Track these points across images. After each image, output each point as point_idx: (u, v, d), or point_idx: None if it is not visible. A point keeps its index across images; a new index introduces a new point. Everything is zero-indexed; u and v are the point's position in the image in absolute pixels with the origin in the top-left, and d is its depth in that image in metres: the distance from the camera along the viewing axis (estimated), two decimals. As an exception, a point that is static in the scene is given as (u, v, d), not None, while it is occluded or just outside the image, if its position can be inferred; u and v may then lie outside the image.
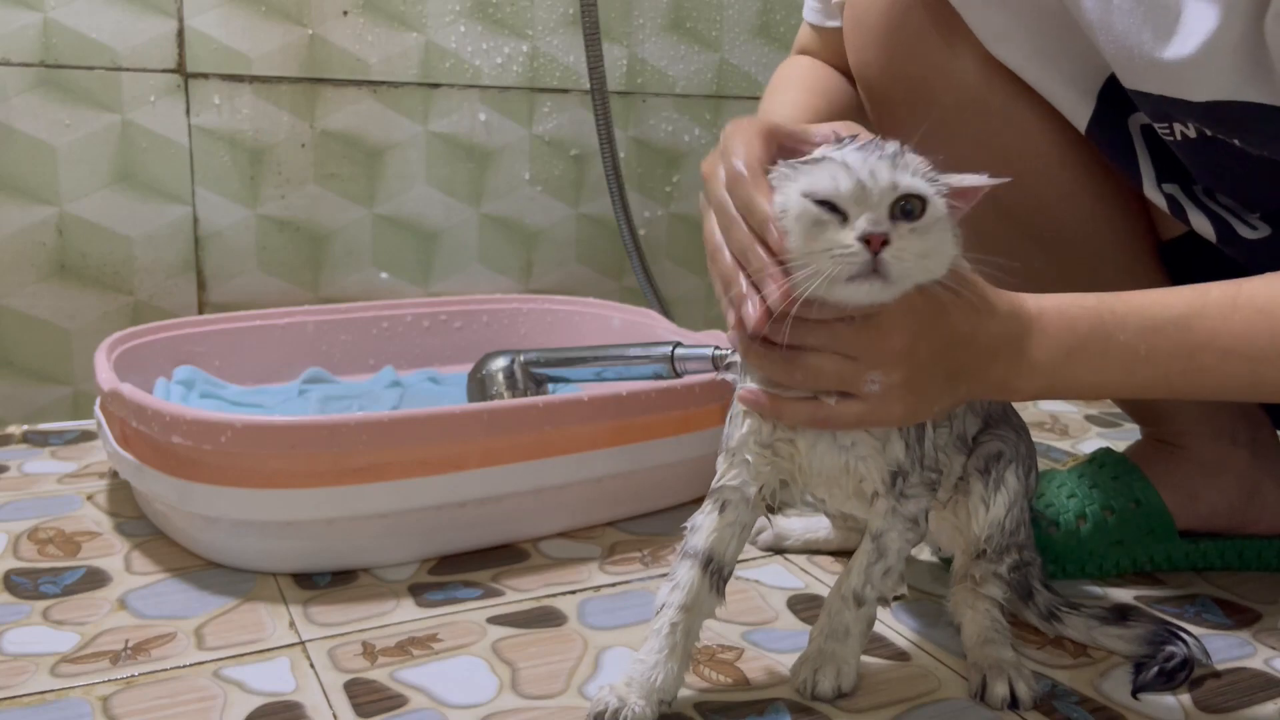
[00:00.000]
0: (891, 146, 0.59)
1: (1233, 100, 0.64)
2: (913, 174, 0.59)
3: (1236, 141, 0.68)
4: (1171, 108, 0.68)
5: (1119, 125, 0.77)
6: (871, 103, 0.84)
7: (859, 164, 0.58)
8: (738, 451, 0.67)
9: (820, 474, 0.66)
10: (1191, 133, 0.70)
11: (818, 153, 0.60)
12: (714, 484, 0.68)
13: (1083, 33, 0.73)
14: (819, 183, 0.58)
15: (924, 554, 0.92)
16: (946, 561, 0.82)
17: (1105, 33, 0.69)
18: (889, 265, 0.56)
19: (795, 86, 0.87)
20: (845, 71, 0.90)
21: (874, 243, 0.56)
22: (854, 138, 0.61)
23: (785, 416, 0.63)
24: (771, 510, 0.69)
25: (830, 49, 0.90)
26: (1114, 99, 0.76)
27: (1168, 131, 0.72)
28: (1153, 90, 0.68)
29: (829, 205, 0.57)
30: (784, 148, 0.63)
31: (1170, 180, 0.78)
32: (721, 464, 0.68)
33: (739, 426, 0.67)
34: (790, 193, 0.59)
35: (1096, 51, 0.74)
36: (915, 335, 0.60)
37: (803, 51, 0.95)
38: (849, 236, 0.57)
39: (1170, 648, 0.73)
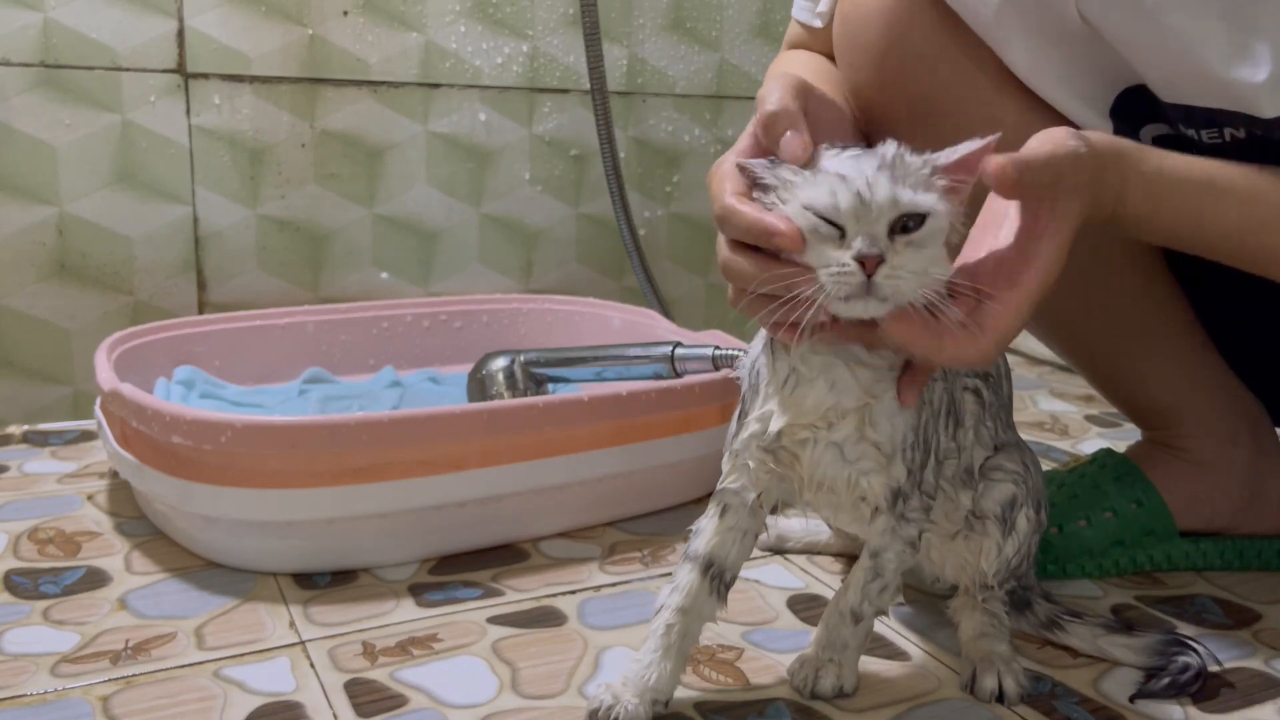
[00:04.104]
0: (891, 151, 0.59)
1: None
2: (914, 183, 0.58)
3: None
4: (1231, 119, 0.68)
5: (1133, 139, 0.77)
6: (869, 122, 0.82)
7: (857, 177, 0.57)
8: (739, 455, 0.66)
9: (822, 485, 0.65)
10: (1241, 134, 0.70)
11: (821, 162, 0.59)
12: (717, 486, 0.68)
13: (1095, 52, 0.72)
14: (818, 198, 0.57)
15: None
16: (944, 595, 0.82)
17: (1157, 50, 0.68)
18: (881, 287, 0.56)
19: (800, 67, 0.86)
20: None
21: (868, 265, 0.56)
22: (841, 151, 0.60)
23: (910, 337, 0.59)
24: (772, 511, 0.69)
25: (823, 46, 0.89)
26: (1126, 115, 0.75)
27: (1216, 136, 0.71)
28: (1212, 105, 0.68)
29: (828, 220, 0.57)
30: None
31: None
32: (725, 465, 0.68)
33: (744, 429, 0.66)
34: (793, 204, 0.58)
35: (1107, 69, 0.73)
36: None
37: (796, 46, 0.93)
38: (845, 255, 0.56)
39: (1184, 658, 0.72)
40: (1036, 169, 0.57)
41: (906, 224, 0.57)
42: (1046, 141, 0.58)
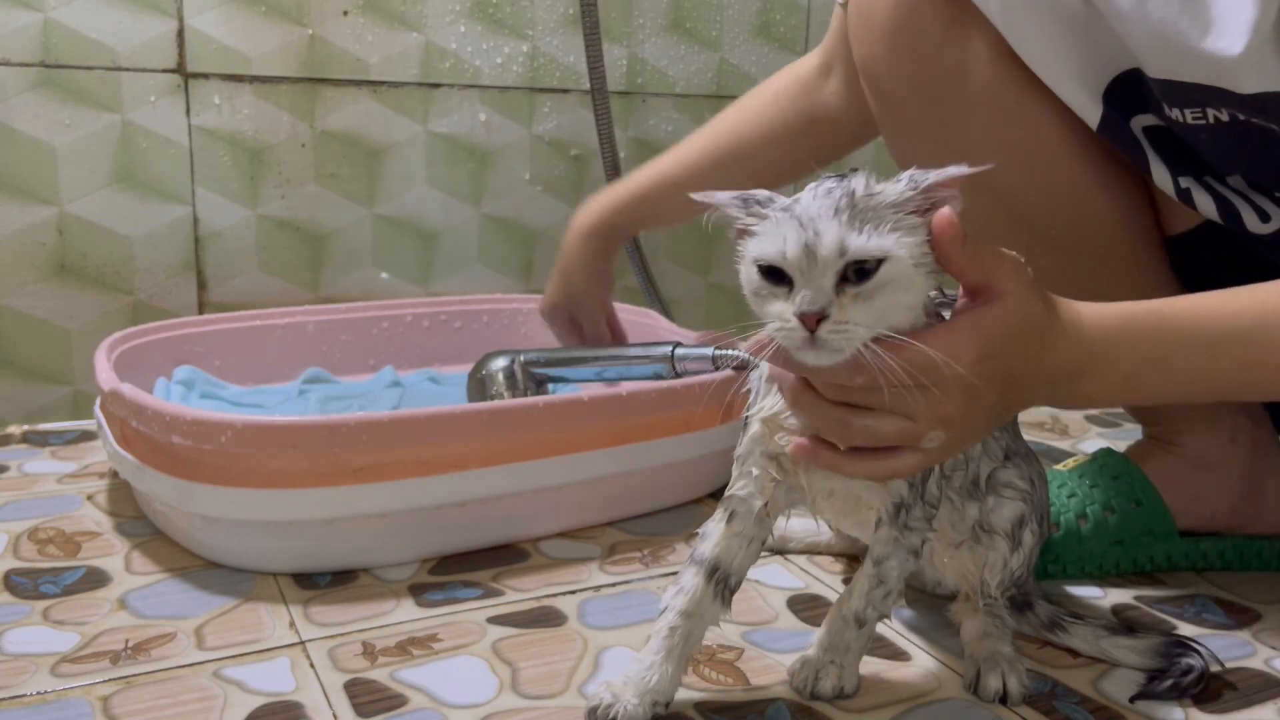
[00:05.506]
0: (858, 186, 0.56)
1: None
2: (875, 222, 0.55)
3: (1275, 127, 0.68)
4: (1211, 96, 0.68)
5: (1124, 128, 0.77)
6: (876, 100, 0.84)
7: (808, 224, 0.55)
8: (744, 462, 0.67)
9: (824, 494, 0.66)
10: (1225, 117, 0.70)
11: (782, 202, 0.58)
12: (726, 492, 0.68)
13: (1093, 33, 0.73)
14: (766, 248, 0.56)
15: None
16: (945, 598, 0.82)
17: (1140, 23, 0.68)
18: (827, 342, 0.55)
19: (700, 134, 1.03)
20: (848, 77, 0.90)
21: (808, 322, 0.55)
22: (818, 185, 0.57)
23: (845, 469, 0.61)
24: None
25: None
26: (1117, 102, 0.76)
27: (1200, 116, 0.72)
28: (1190, 79, 0.68)
29: (777, 272, 0.56)
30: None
31: (1185, 174, 0.78)
32: (734, 472, 0.68)
33: (746, 432, 0.67)
34: (746, 259, 0.58)
35: (1102, 52, 0.74)
36: (975, 396, 0.58)
37: (827, 42, 0.98)
38: (789, 311, 0.55)
39: (1187, 660, 0.72)
40: (981, 247, 0.57)
41: (860, 271, 0.55)
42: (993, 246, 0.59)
